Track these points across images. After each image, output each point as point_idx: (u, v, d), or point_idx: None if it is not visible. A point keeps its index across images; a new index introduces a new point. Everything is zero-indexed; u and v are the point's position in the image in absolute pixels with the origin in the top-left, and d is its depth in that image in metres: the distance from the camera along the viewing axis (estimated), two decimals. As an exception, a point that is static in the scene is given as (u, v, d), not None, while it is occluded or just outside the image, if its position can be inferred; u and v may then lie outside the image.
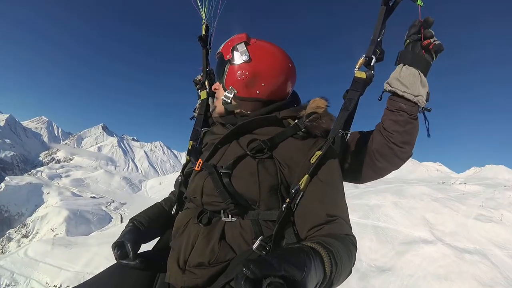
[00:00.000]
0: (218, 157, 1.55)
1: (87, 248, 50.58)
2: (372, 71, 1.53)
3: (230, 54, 1.59)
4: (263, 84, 1.56)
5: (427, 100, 1.52)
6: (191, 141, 1.89)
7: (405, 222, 39.50)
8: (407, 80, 1.50)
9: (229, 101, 1.61)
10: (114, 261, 1.57)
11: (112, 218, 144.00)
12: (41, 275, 49.69)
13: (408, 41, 1.56)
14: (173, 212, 1.79)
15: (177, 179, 1.84)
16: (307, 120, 1.47)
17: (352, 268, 1.17)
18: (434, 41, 1.49)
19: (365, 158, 1.63)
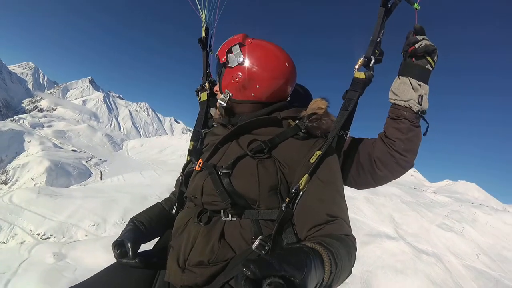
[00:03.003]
0: (218, 157, 1.54)
1: (72, 200, 49.82)
2: (371, 72, 1.53)
3: (225, 57, 1.56)
4: (257, 86, 1.54)
5: (420, 103, 1.50)
6: (192, 142, 1.87)
7: (373, 216, 41.53)
8: (398, 89, 1.54)
9: (225, 104, 1.59)
10: (99, 218, 2.50)
11: (92, 173, 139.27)
12: (25, 222, 48.97)
13: (402, 53, 1.58)
14: (173, 211, 1.77)
15: (177, 179, 1.83)
16: (308, 121, 1.47)
17: (352, 269, 1.15)
18: (420, 45, 1.50)
19: (366, 165, 1.63)
